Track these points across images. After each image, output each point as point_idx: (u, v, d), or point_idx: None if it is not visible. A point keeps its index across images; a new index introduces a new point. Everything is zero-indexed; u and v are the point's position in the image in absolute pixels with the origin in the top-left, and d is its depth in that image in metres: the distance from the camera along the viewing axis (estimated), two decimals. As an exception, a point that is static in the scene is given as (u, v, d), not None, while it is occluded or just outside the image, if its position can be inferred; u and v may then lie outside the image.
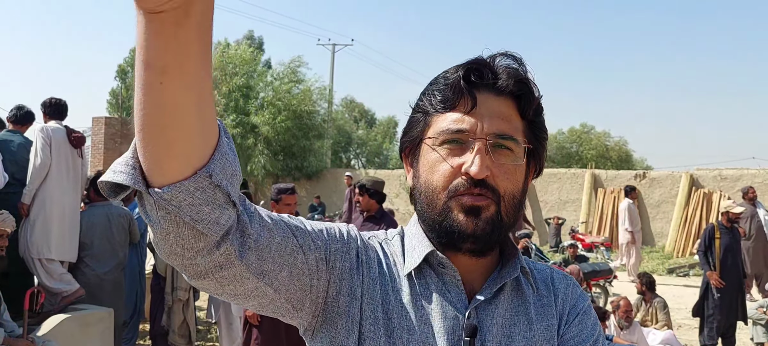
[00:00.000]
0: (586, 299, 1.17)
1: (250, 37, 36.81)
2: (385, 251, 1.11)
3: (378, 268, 1.07)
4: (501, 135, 1.03)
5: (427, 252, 1.06)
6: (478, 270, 1.09)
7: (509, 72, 1.05)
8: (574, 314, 1.12)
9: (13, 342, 4.34)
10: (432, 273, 1.07)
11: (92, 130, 23.01)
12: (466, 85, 1.04)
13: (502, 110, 1.05)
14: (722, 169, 17.26)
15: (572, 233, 15.61)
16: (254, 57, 22.64)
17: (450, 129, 1.04)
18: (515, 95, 1.06)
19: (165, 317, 5.76)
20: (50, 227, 5.32)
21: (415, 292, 1.05)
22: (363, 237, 1.11)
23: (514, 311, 1.08)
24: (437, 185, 1.04)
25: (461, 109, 1.04)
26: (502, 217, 1.03)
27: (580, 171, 19.44)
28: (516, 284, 1.11)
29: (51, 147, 5.28)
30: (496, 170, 1.02)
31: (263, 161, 21.34)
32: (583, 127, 35.70)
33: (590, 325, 1.12)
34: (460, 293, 1.06)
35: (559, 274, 1.18)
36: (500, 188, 1.02)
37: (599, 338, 1.12)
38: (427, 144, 1.07)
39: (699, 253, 7.65)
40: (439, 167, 1.04)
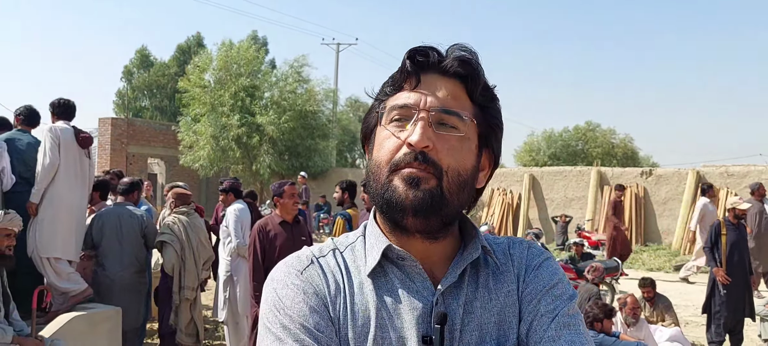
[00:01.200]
0: (544, 254, 1.15)
1: (254, 37, 36.84)
2: (345, 260, 1.10)
3: (341, 286, 1.07)
4: (444, 110, 1.03)
5: (384, 247, 1.06)
6: (437, 255, 1.09)
7: (456, 55, 1.07)
8: (530, 270, 1.11)
9: (22, 341, 4.36)
10: (393, 267, 1.07)
11: (99, 131, 23.10)
12: (411, 65, 1.06)
13: (449, 88, 1.06)
14: (729, 166, 17.19)
15: (578, 231, 15.57)
16: (258, 56, 22.64)
17: (394, 105, 1.06)
18: (462, 77, 1.07)
19: (173, 316, 5.78)
20: (58, 226, 5.34)
21: (380, 290, 1.05)
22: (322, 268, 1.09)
23: (475, 286, 1.08)
24: (382, 160, 1.05)
25: (407, 88, 1.07)
26: (444, 192, 1.02)
27: (586, 169, 19.40)
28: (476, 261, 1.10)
29: (60, 147, 5.30)
30: (440, 145, 1.02)
31: (268, 161, 21.36)
32: (588, 124, 35.61)
33: (547, 275, 1.10)
34: (425, 281, 1.05)
35: (517, 240, 1.17)
36: (442, 162, 1.02)
37: (558, 284, 1.09)
38: (378, 128, 1.09)
39: (705, 249, 7.61)
40: (385, 143, 1.05)
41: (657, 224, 17.59)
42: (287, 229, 5.35)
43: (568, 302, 1.07)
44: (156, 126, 25.83)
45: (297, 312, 1.02)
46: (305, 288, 1.05)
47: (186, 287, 5.67)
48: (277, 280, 1.08)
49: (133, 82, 41.33)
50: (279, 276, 1.08)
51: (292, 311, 1.02)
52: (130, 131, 23.43)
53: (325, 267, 1.09)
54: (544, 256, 1.15)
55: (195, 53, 25.84)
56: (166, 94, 39.40)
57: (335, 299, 1.05)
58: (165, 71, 40.13)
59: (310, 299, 1.03)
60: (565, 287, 1.10)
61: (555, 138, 35.18)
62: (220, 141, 21.25)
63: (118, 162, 22.04)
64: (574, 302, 1.09)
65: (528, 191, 19.30)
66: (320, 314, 1.02)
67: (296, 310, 1.02)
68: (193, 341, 5.84)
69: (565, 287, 1.10)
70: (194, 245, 5.76)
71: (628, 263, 14.70)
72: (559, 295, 1.08)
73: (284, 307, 1.03)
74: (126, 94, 40.68)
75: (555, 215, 17.91)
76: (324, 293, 1.05)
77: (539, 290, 1.08)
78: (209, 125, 21.29)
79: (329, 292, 1.06)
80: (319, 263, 1.09)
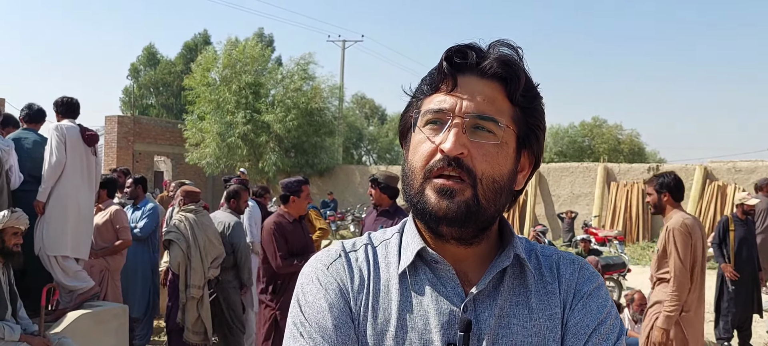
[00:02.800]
0: (595, 280, 1.09)
1: (260, 34, 36.85)
2: (376, 256, 1.10)
3: (366, 281, 1.07)
4: (479, 115, 1.00)
5: (419, 248, 1.05)
6: (471, 259, 1.06)
7: (497, 55, 1.03)
8: (579, 298, 1.06)
9: (29, 339, 4.38)
10: (426, 269, 1.06)
11: (105, 129, 23.15)
12: (448, 67, 1.03)
13: (486, 92, 1.02)
14: (736, 162, 17.09)
15: (585, 227, 15.54)
16: (263, 54, 22.65)
17: (429, 109, 1.03)
18: (501, 78, 1.03)
19: (180, 313, 5.79)
20: (66, 224, 5.36)
21: (409, 290, 1.05)
22: (349, 262, 1.09)
23: (514, 301, 1.04)
24: (416, 165, 1.03)
25: (444, 90, 1.04)
26: (480, 201, 0.99)
27: (593, 165, 19.34)
28: (519, 272, 1.07)
29: (66, 145, 5.31)
30: (474, 151, 0.99)
31: (274, 158, 21.39)
32: (595, 120, 35.51)
33: (596, 308, 1.05)
34: (456, 286, 1.03)
35: (567, 258, 1.12)
36: (477, 169, 0.99)
37: (607, 319, 1.04)
38: (414, 128, 1.06)
39: (713, 246, 7.58)
40: (420, 148, 1.03)
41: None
42: (298, 226, 5.36)
43: (616, 342, 1.03)
44: (162, 124, 25.88)
45: (316, 309, 1.04)
46: (328, 283, 1.07)
47: (192, 286, 5.68)
48: (306, 275, 1.10)
49: (139, 80, 41.44)
50: (308, 271, 1.11)
51: (312, 308, 1.05)
52: (137, 129, 23.48)
53: (353, 261, 1.10)
54: (595, 283, 1.09)
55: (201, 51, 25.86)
56: (173, 91, 39.48)
57: (358, 295, 1.06)
58: (171, 69, 40.21)
59: (331, 295, 1.05)
60: (614, 322, 1.06)
61: (561, 134, 35.09)
62: (226, 139, 21.30)
63: (125, 160, 22.10)
64: (622, 339, 1.05)
65: (534, 187, 19.26)
66: (340, 310, 1.04)
67: (316, 307, 1.04)
68: (201, 338, 5.84)
69: (614, 322, 1.06)
70: (201, 243, 5.76)
71: (635, 259, 14.66)
72: (606, 335, 1.03)
73: (306, 303, 1.06)
74: (133, 91, 40.79)
75: (561, 212, 17.87)
76: (347, 288, 1.06)
77: (587, 325, 1.03)
78: (215, 123, 21.34)
79: (353, 286, 1.07)
80: (346, 257, 1.10)
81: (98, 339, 5.25)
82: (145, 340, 6.59)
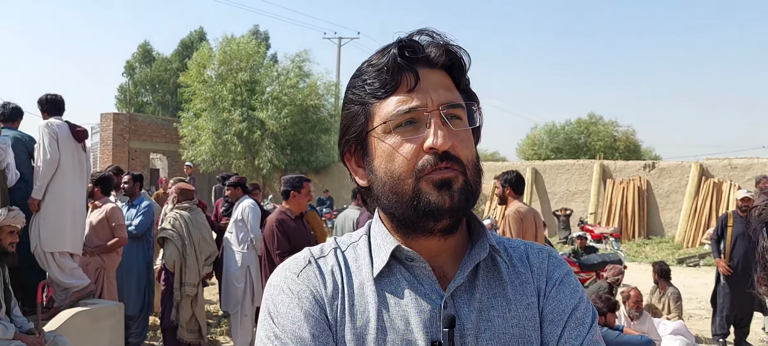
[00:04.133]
0: (564, 267, 1.11)
1: (256, 31, 36.79)
2: (346, 260, 1.08)
3: (340, 287, 1.04)
4: (451, 104, 1.01)
5: (393, 248, 1.03)
6: (446, 253, 1.06)
7: (436, 45, 1.03)
8: (551, 285, 1.08)
9: (23, 338, 4.36)
10: (401, 268, 1.04)
11: (101, 126, 23.09)
12: (405, 63, 1.00)
13: (443, 81, 1.03)
14: (732, 159, 17.14)
15: (581, 225, 15.56)
16: (258, 51, 22.61)
17: (400, 111, 1.00)
18: (447, 66, 1.04)
19: (174, 311, 5.77)
20: (64, 220, 5.35)
21: (384, 291, 1.02)
22: (320, 268, 1.06)
23: (492, 293, 1.04)
24: (402, 171, 1.00)
25: (403, 89, 1.01)
26: (471, 185, 1.01)
27: (589, 162, 19.37)
28: (492, 264, 1.07)
29: (58, 142, 5.29)
30: (455, 141, 1.00)
31: (270, 156, 21.36)
32: (590, 117, 35.51)
33: (568, 293, 1.07)
34: (433, 283, 1.02)
35: (535, 247, 1.14)
36: (462, 157, 1.00)
37: (580, 303, 1.06)
38: (377, 134, 1.02)
39: (712, 241, 7.61)
40: (399, 153, 1.00)
41: (660, 217, 17.57)
42: (300, 223, 5.34)
43: (592, 327, 1.05)
44: (158, 121, 25.82)
45: (291, 320, 1.00)
46: (300, 292, 1.03)
47: (187, 284, 5.67)
48: (274, 285, 1.06)
49: (135, 77, 41.32)
50: (276, 281, 1.06)
51: (285, 319, 1.00)
52: (132, 126, 23.42)
53: (324, 267, 1.06)
54: (565, 269, 1.11)
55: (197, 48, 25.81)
56: (168, 89, 39.39)
57: (333, 301, 1.03)
58: (167, 66, 40.11)
59: (305, 303, 1.01)
60: (587, 306, 1.08)
61: (557, 131, 35.11)
62: (222, 136, 21.27)
63: (120, 157, 22.05)
64: (596, 322, 1.07)
65: (531, 184, 19.27)
66: (316, 318, 1.00)
67: (290, 317, 1.00)
68: (195, 336, 5.83)
69: (587, 306, 1.08)
70: (196, 240, 5.75)
71: (631, 256, 14.71)
72: (582, 319, 1.05)
73: (278, 314, 1.01)
74: (128, 89, 40.67)
75: (556, 210, 17.89)
76: (321, 295, 1.03)
77: (563, 311, 1.05)
78: (210, 120, 21.31)
79: (327, 293, 1.03)
80: (316, 264, 1.07)
81: (94, 337, 5.24)
82: (141, 338, 6.57)
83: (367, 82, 1.04)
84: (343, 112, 1.09)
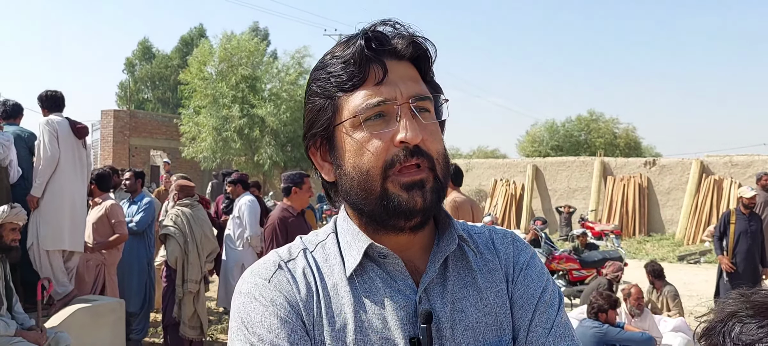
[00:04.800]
0: (528, 251, 1.11)
1: (255, 28, 36.74)
2: (316, 261, 1.04)
3: (313, 289, 1.01)
4: (420, 96, 0.99)
5: (366, 246, 1.01)
6: (416, 247, 1.04)
7: (401, 36, 1.01)
8: (518, 270, 1.08)
9: (25, 334, 4.36)
10: (373, 266, 1.02)
11: (101, 123, 23.09)
12: (373, 55, 0.98)
13: (410, 73, 1.01)
14: (733, 156, 17.13)
15: (582, 222, 15.56)
16: (259, 48, 22.59)
17: (369, 104, 0.97)
18: (413, 58, 1.03)
19: (176, 308, 5.77)
20: (64, 219, 5.34)
21: (361, 291, 1.00)
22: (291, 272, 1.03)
23: (463, 284, 1.04)
24: (370, 166, 0.97)
25: (371, 81, 0.98)
26: (441, 182, 1.00)
27: (589, 159, 19.36)
28: (460, 254, 1.06)
29: (58, 139, 5.28)
30: (425, 134, 0.98)
31: (270, 152, 21.34)
32: (591, 114, 35.51)
33: (535, 277, 1.07)
34: (407, 279, 1.01)
35: (498, 232, 1.13)
36: (432, 151, 0.98)
37: (548, 285, 1.07)
38: (346, 128, 1.00)
39: (714, 239, 7.61)
40: (367, 147, 0.97)
41: (660, 214, 17.57)
42: (301, 219, 5.32)
43: (560, 309, 1.06)
44: (158, 118, 25.82)
45: (267, 328, 0.96)
46: (274, 298, 0.99)
47: (189, 280, 5.67)
48: (245, 293, 1.01)
49: (135, 74, 41.30)
50: (246, 288, 1.02)
51: (261, 327, 0.96)
52: (133, 123, 23.42)
53: (295, 271, 1.03)
54: (529, 252, 1.12)
55: (197, 45, 25.80)
56: (169, 85, 39.37)
57: (308, 304, 0.99)
58: (167, 63, 40.09)
59: (280, 310, 0.97)
60: (554, 289, 1.08)
61: (557, 128, 35.09)
62: (222, 133, 21.26)
63: (121, 154, 22.05)
64: (563, 304, 1.08)
65: (531, 181, 19.27)
66: (292, 324, 0.97)
67: (266, 326, 0.96)
68: (197, 333, 5.83)
69: (554, 289, 1.08)
70: (198, 237, 5.75)
71: (632, 253, 14.71)
72: (550, 302, 1.06)
73: (253, 323, 0.97)
74: (128, 86, 40.65)
75: (559, 206, 17.89)
76: (295, 300, 0.99)
77: (531, 295, 1.06)
78: (211, 117, 21.30)
79: (301, 298, 1.00)
80: (287, 268, 1.03)
81: (95, 333, 5.23)
82: (142, 334, 6.57)
83: (332, 75, 1.01)
84: (306, 105, 1.06)
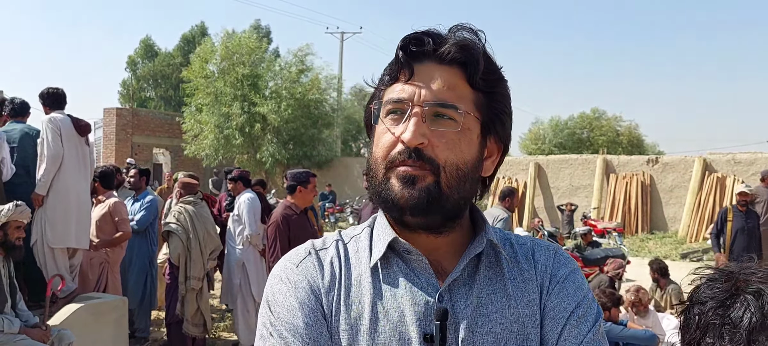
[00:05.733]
0: (570, 264, 1.09)
1: (257, 27, 36.74)
2: (347, 252, 1.09)
3: (337, 278, 1.05)
4: (439, 103, 0.99)
5: (390, 239, 1.03)
6: (444, 249, 1.05)
7: (455, 40, 1.01)
8: (555, 282, 1.06)
9: (29, 332, 4.36)
10: (398, 260, 1.04)
11: (104, 122, 23.12)
12: (403, 55, 1.01)
13: (445, 78, 1.00)
14: (736, 154, 17.11)
15: (584, 219, 15.55)
16: (260, 45, 22.60)
17: (389, 99, 1.02)
18: (461, 63, 1.01)
19: (179, 305, 5.78)
20: (70, 216, 5.34)
21: (380, 282, 1.03)
22: (319, 259, 1.07)
23: (491, 289, 1.04)
24: (378, 156, 1.02)
25: (402, 79, 1.02)
26: (443, 188, 0.98)
27: (592, 157, 19.34)
28: (494, 260, 1.07)
29: (62, 137, 5.28)
30: (435, 140, 0.98)
31: (272, 150, 21.36)
32: (593, 112, 35.47)
33: (572, 291, 1.05)
34: (430, 276, 1.02)
35: (541, 245, 1.12)
36: (439, 158, 0.98)
37: (584, 302, 1.04)
38: (376, 118, 1.05)
39: (712, 236, 7.61)
40: (382, 139, 1.02)
41: (663, 212, 17.54)
42: (305, 218, 5.30)
43: (594, 325, 1.03)
44: (161, 116, 25.84)
45: (286, 308, 1.02)
46: (297, 282, 1.04)
47: (192, 278, 5.67)
48: (275, 275, 1.08)
49: (137, 73, 41.33)
50: (277, 271, 1.09)
51: (281, 307, 1.02)
52: (135, 121, 23.44)
53: (323, 258, 1.08)
54: (571, 267, 1.09)
55: (199, 43, 25.83)
56: (171, 84, 39.39)
57: (329, 291, 1.04)
58: (169, 61, 40.10)
59: (301, 293, 1.03)
60: (590, 304, 1.05)
61: (561, 126, 35.06)
62: (224, 130, 21.27)
63: (124, 152, 22.07)
64: (600, 321, 1.05)
65: (534, 179, 19.26)
66: (310, 307, 1.01)
67: (286, 306, 1.02)
68: (200, 330, 5.84)
69: (590, 304, 1.05)
70: (200, 235, 5.76)
71: (635, 251, 14.70)
72: (584, 316, 1.03)
73: (276, 303, 1.03)
74: (131, 84, 40.67)
75: (561, 204, 17.87)
76: (317, 285, 1.04)
77: (564, 309, 1.04)
78: (213, 115, 21.32)
79: (323, 283, 1.04)
80: (316, 255, 1.08)
81: (98, 331, 5.24)
82: (145, 332, 6.58)
83: (385, 70, 1.07)
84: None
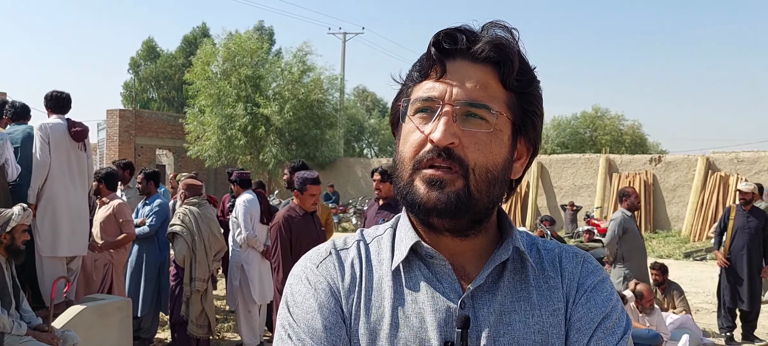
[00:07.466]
0: (599, 273, 1.04)
1: (260, 27, 36.79)
2: (369, 254, 1.06)
3: (358, 280, 1.03)
4: (470, 102, 0.95)
5: (413, 243, 1.00)
6: (468, 253, 1.02)
7: (489, 38, 0.97)
8: (582, 292, 1.01)
9: (36, 334, 4.37)
10: (421, 264, 1.01)
11: (107, 123, 23.18)
12: (436, 52, 0.98)
13: (478, 77, 0.97)
14: (739, 152, 17.08)
15: (587, 219, 15.53)
16: (262, 46, 22.62)
17: (418, 97, 0.98)
18: (494, 62, 0.97)
19: (183, 307, 5.79)
20: (60, 225, 5.27)
21: (402, 286, 1.00)
22: (340, 260, 1.05)
23: (515, 297, 1.00)
24: (406, 156, 0.98)
25: (433, 77, 0.98)
26: (472, 191, 0.95)
27: (595, 156, 19.33)
28: (520, 267, 1.03)
29: (49, 145, 5.21)
30: (466, 140, 0.95)
31: (275, 151, 21.38)
32: (596, 111, 35.42)
33: (600, 301, 1.00)
34: (453, 282, 0.99)
35: (570, 252, 1.08)
36: (469, 159, 0.95)
37: (612, 313, 1.00)
38: (406, 115, 1.01)
39: (715, 234, 7.63)
40: (410, 138, 0.98)
41: (666, 210, 17.53)
42: (309, 220, 5.24)
43: (622, 337, 0.99)
44: (164, 117, 25.89)
45: (305, 310, 1.00)
46: (317, 283, 1.02)
47: (197, 279, 5.68)
48: (295, 275, 1.06)
49: (140, 74, 41.42)
50: (297, 271, 1.07)
51: (300, 308, 1.00)
52: (138, 123, 23.47)
53: (344, 259, 1.05)
54: (600, 276, 1.05)
55: (200, 44, 25.87)
56: (174, 85, 39.48)
57: (349, 293, 1.01)
58: (172, 62, 40.19)
59: (320, 294, 1.01)
60: (619, 316, 1.02)
61: (564, 125, 35.01)
62: (227, 131, 21.30)
63: (127, 153, 22.09)
64: (629, 333, 1.01)
65: (536, 178, 19.25)
66: (330, 310, 0.99)
67: (305, 307, 1.00)
68: (205, 331, 5.85)
69: (619, 316, 1.02)
70: (205, 236, 5.76)
71: (638, 250, 14.65)
72: (612, 328, 1.00)
73: (295, 304, 1.01)
74: (133, 85, 40.75)
75: (563, 203, 17.86)
76: (337, 287, 1.02)
77: (591, 320, 0.99)
78: (215, 116, 21.35)
79: (343, 285, 1.02)
80: (337, 255, 1.05)
81: (102, 332, 5.24)
82: (151, 333, 6.59)
83: (414, 66, 1.04)
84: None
